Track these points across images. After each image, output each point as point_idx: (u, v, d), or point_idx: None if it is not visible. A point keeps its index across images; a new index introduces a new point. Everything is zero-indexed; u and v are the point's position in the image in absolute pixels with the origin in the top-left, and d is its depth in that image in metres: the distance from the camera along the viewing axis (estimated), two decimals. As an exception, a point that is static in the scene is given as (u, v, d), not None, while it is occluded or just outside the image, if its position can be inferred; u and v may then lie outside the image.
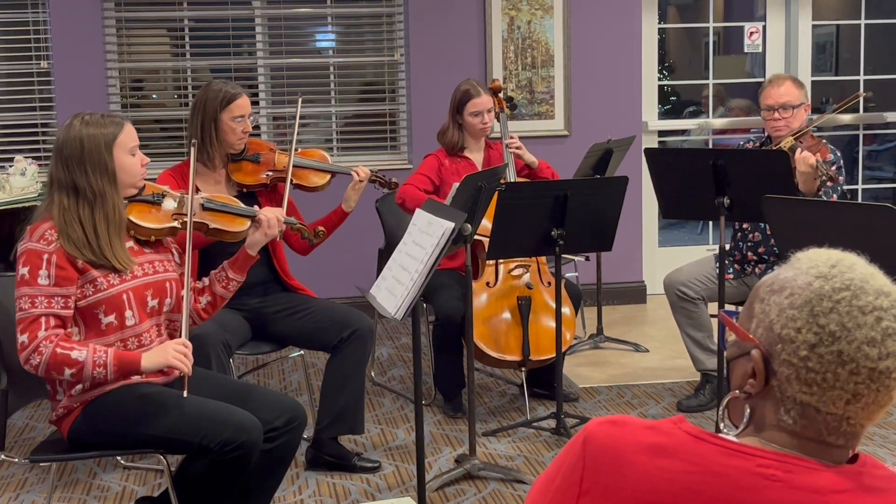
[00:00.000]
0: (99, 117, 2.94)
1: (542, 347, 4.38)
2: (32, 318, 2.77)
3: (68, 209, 2.86)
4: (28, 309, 2.77)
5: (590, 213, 4.05)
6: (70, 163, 2.87)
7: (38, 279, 2.78)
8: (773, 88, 4.32)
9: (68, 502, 3.68)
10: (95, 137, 2.87)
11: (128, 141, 2.93)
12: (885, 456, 3.94)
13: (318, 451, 3.87)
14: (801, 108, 4.29)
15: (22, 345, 2.76)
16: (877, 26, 7.05)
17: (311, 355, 5.06)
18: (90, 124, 2.90)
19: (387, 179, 4.12)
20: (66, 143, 2.88)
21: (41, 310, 2.77)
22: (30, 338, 2.75)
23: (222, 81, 3.89)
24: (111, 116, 2.97)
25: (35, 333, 2.75)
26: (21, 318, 2.78)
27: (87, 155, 2.86)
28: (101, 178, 2.87)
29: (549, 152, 5.14)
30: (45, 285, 2.78)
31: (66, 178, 2.87)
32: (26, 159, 4.96)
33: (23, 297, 2.79)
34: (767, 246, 4.39)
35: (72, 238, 2.82)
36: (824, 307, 1.23)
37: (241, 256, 3.14)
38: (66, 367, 2.75)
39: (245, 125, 3.82)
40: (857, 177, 7.14)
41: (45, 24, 5.92)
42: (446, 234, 3.00)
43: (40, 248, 2.81)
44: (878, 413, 1.25)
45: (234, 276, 3.12)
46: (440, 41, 6.19)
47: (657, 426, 1.28)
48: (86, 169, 2.86)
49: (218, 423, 2.81)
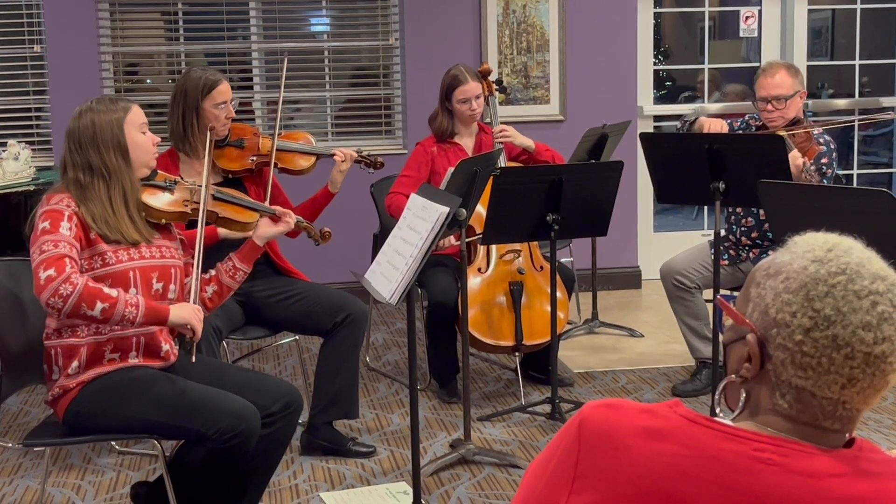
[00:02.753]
0: (107, 101, 3.01)
1: (536, 332, 4.38)
2: (57, 255, 2.74)
3: (85, 187, 2.90)
4: (51, 250, 2.75)
5: (585, 198, 4.05)
6: (83, 143, 2.93)
7: (59, 228, 2.79)
8: (766, 79, 4.27)
9: (63, 487, 3.68)
10: (107, 117, 2.94)
11: (137, 119, 3.00)
12: (879, 440, 3.95)
13: (313, 435, 3.87)
14: (796, 97, 4.26)
15: (48, 278, 2.70)
16: (873, 11, 7.04)
17: (306, 340, 5.06)
18: (99, 107, 2.97)
19: (373, 159, 4.11)
20: (77, 127, 2.95)
21: (65, 251, 2.76)
22: (58, 270, 2.71)
23: (201, 68, 3.87)
24: (119, 99, 3.04)
25: (63, 268, 2.72)
26: (44, 258, 2.73)
27: (100, 134, 2.92)
28: (115, 155, 2.93)
29: (544, 137, 5.12)
30: (67, 234, 2.80)
31: (80, 159, 2.92)
32: (19, 143, 4.93)
33: (45, 242, 2.76)
34: (761, 230, 4.39)
35: (93, 213, 2.86)
36: (819, 291, 1.23)
37: (248, 246, 3.19)
38: (98, 300, 2.73)
39: (228, 111, 3.80)
40: (853, 162, 7.14)
41: (39, 8, 5.88)
42: (441, 219, 2.99)
43: (60, 207, 2.84)
44: (875, 397, 1.25)
45: (240, 266, 3.17)
46: (435, 26, 6.16)
47: (653, 410, 1.28)
48: (98, 147, 2.92)
49: (216, 410, 2.81)
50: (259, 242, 3.19)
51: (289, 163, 3.96)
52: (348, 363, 3.82)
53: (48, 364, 2.91)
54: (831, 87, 8.27)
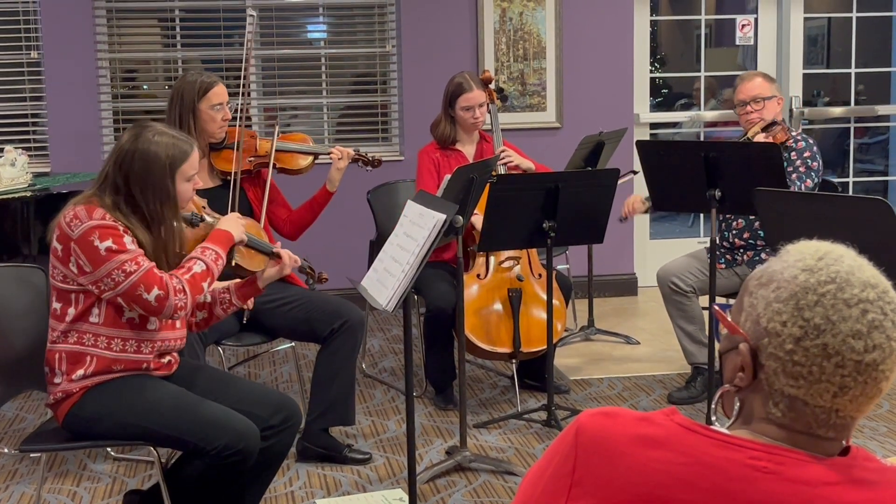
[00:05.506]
0: (170, 137, 2.86)
1: (533, 339, 4.39)
2: (146, 272, 2.75)
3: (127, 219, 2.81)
4: (137, 269, 2.75)
5: (581, 206, 4.06)
6: (130, 177, 2.82)
7: (126, 245, 2.77)
8: (743, 84, 4.45)
9: (59, 493, 3.67)
10: (163, 158, 2.81)
11: (190, 170, 2.89)
12: (875, 448, 3.96)
13: (309, 442, 3.87)
14: (773, 101, 4.40)
15: (158, 298, 2.74)
16: (868, 20, 7.06)
17: (302, 347, 5.06)
18: (160, 140, 2.83)
19: (370, 158, 4.12)
20: (136, 156, 2.81)
21: (148, 265, 2.77)
22: (160, 287, 2.75)
23: (197, 72, 3.88)
24: (182, 139, 2.90)
25: (162, 282, 2.76)
26: (135, 279, 2.73)
27: (151, 175, 2.81)
28: (163, 203, 2.84)
29: (540, 144, 5.14)
30: (136, 249, 2.78)
31: (125, 190, 2.82)
32: (16, 150, 4.93)
33: (125, 263, 2.74)
34: (752, 230, 4.44)
35: (140, 241, 2.81)
36: (809, 300, 1.23)
37: (250, 287, 3.16)
38: (202, 282, 2.85)
39: (224, 113, 3.81)
40: (849, 170, 7.15)
41: (36, 14, 5.89)
42: (437, 226, 3.00)
43: (110, 223, 2.77)
44: (868, 405, 1.25)
45: (236, 303, 3.16)
46: (432, 33, 6.17)
47: (649, 417, 1.28)
48: (146, 188, 2.81)
49: (217, 427, 2.80)
50: (261, 285, 3.16)
51: (287, 163, 3.97)
52: (345, 370, 3.82)
53: (50, 367, 2.88)
54: (827, 95, 8.29)
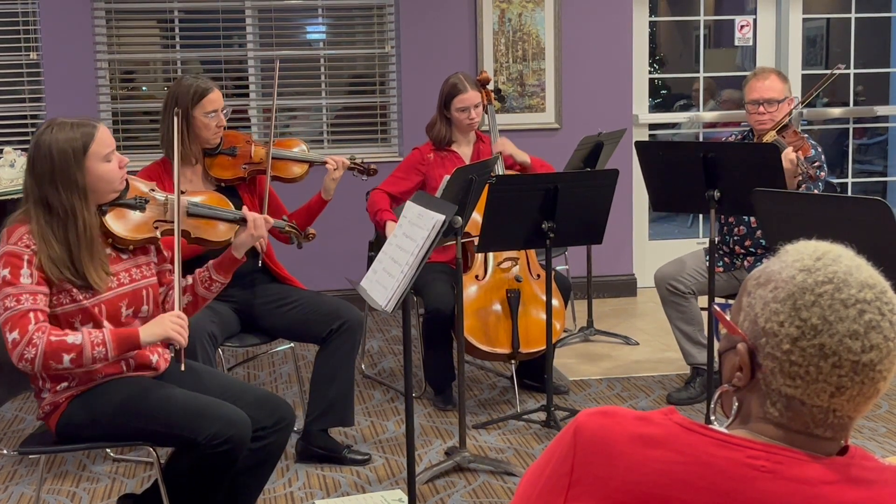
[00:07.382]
0: (69, 126, 2.81)
1: (532, 340, 4.39)
2: (20, 314, 2.69)
3: (45, 226, 2.77)
4: (14, 307, 2.69)
5: (580, 206, 4.06)
6: (42, 179, 2.78)
7: (20, 278, 2.71)
8: (757, 82, 4.35)
9: (58, 494, 3.67)
10: (64, 151, 2.77)
11: (101, 149, 2.81)
12: (874, 448, 3.96)
13: (308, 443, 3.87)
14: (785, 103, 4.32)
15: (13, 342, 2.68)
16: (867, 20, 7.07)
17: (301, 347, 5.06)
18: (59, 135, 2.78)
19: (366, 166, 4.13)
20: (37, 157, 2.79)
21: (28, 305, 2.70)
22: (20, 332, 2.67)
23: (192, 76, 3.86)
24: (82, 124, 2.83)
25: (25, 328, 2.68)
26: (8, 316, 2.69)
27: (58, 172, 2.77)
28: (72, 195, 2.78)
29: (539, 145, 5.14)
30: (29, 284, 2.72)
31: (39, 194, 2.79)
32: (15, 151, 4.94)
33: (7, 297, 2.71)
34: (753, 238, 4.41)
35: (51, 257, 2.75)
36: (806, 300, 1.23)
37: (227, 259, 3.08)
38: (63, 352, 2.68)
39: (219, 119, 3.80)
40: (847, 170, 7.15)
41: (35, 16, 5.89)
42: (437, 227, 3.00)
43: (19, 249, 2.74)
44: (865, 405, 1.25)
45: (217, 278, 3.08)
46: (431, 34, 6.18)
47: (648, 417, 1.28)
48: (57, 186, 2.77)
49: (206, 416, 2.79)
50: (237, 254, 3.08)
51: (281, 171, 3.96)
52: (344, 371, 3.82)
53: (35, 384, 2.88)
54: (826, 96, 8.29)
